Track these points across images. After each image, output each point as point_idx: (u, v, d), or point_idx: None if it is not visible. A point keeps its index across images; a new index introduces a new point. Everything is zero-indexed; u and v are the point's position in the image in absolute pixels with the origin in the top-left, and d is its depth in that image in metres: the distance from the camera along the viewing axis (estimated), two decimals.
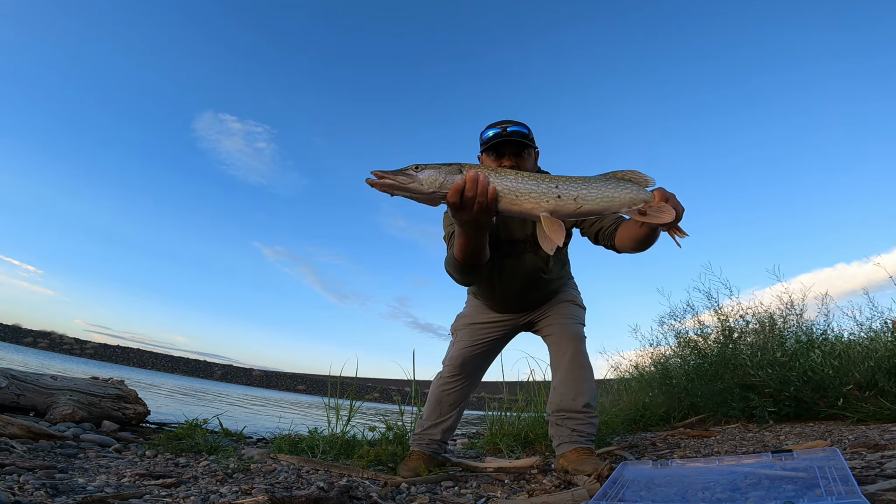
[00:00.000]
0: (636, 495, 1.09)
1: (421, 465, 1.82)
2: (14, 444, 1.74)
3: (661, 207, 1.21)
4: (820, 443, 2.03)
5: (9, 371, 2.49)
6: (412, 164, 1.18)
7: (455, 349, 2.02)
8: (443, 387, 2.00)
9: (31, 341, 36.74)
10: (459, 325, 2.09)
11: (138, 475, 1.50)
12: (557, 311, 1.97)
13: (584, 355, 1.89)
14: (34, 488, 1.21)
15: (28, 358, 14.34)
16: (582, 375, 1.85)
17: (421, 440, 1.97)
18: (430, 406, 2.00)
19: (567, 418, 1.81)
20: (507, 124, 1.73)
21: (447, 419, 1.98)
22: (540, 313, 2.01)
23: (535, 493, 1.45)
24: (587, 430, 1.81)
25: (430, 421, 1.99)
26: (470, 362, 1.99)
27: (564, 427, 1.81)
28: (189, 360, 40.43)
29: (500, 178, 1.17)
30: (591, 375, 1.89)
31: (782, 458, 1.20)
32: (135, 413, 2.76)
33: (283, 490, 1.41)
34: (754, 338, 3.77)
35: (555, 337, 1.93)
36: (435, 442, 1.96)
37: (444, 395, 1.99)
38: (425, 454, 1.91)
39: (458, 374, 1.98)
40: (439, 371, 2.06)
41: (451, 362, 2.00)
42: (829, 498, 0.85)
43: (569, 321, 1.94)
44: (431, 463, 1.89)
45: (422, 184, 1.15)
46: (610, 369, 5.45)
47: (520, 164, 1.72)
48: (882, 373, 2.79)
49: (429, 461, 1.89)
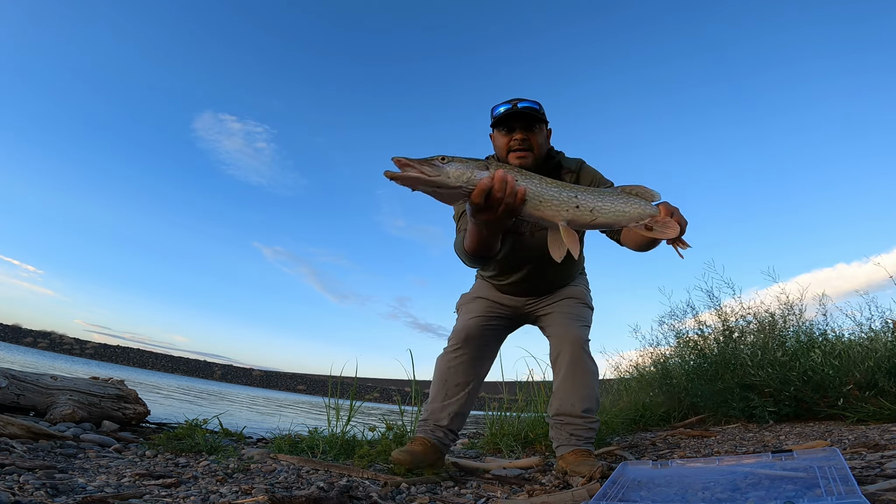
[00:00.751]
0: (636, 495, 1.09)
1: (421, 451, 1.69)
2: (14, 444, 1.74)
3: (666, 223, 1.25)
4: (820, 443, 2.03)
5: (9, 371, 2.49)
6: (437, 154, 1.10)
7: (460, 321, 1.92)
8: (448, 362, 1.84)
9: (31, 341, 36.73)
10: (465, 301, 2.01)
11: (138, 475, 1.50)
12: (562, 309, 1.91)
13: (586, 359, 1.82)
14: (34, 488, 1.21)
15: (28, 358, 14.35)
16: (582, 380, 1.80)
17: (426, 425, 1.81)
18: (436, 386, 1.84)
19: (566, 423, 1.80)
20: (518, 101, 1.72)
21: (455, 401, 1.81)
22: (545, 304, 1.94)
23: (535, 493, 1.45)
24: (585, 434, 1.79)
25: (435, 402, 1.82)
26: (475, 335, 1.85)
27: (563, 431, 1.80)
28: (189, 360, 40.45)
29: (525, 179, 1.14)
30: (593, 379, 1.83)
31: (782, 458, 1.20)
32: (135, 413, 2.76)
33: (283, 490, 1.41)
34: (754, 338, 3.77)
35: (557, 338, 1.87)
36: (441, 428, 1.78)
37: (450, 371, 1.82)
38: (428, 441, 1.75)
39: (463, 347, 1.83)
40: (444, 348, 1.92)
41: (456, 334, 1.86)
42: (829, 498, 0.85)
43: (573, 321, 1.86)
44: (434, 453, 1.74)
45: (449, 177, 1.07)
46: (610, 369, 5.45)
47: (531, 139, 1.71)
48: (882, 373, 2.79)
49: (431, 450, 1.73)
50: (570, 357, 1.80)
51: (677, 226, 1.24)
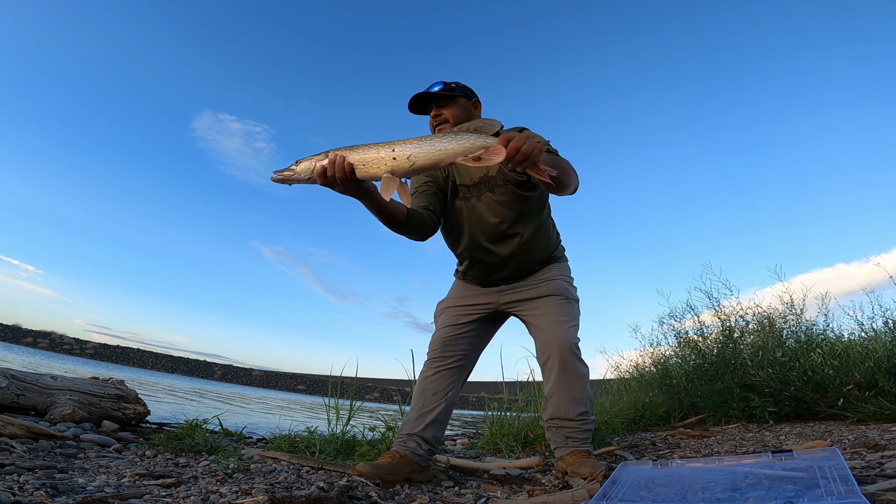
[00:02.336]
0: (636, 495, 1.09)
1: (389, 463, 1.62)
2: (14, 444, 1.74)
3: (494, 150, 1.31)
4: (820, 443, 2.03)
5: (9, 371, 2.48)
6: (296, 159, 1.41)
7: (435, 333, 1.92)
8: (424, 374, 1.85)
9: (31, 341, 36.75)
10: (439, 311, 2.00)
11: (138, 475, 1.50)
12: (546, 310, 1.82)
13: (576, 363, 1.75)
14: (34, 488, 1.21)
15: (28, 358, 14.34)
16: (573, 385, 1.75)
17: (399, 437, 1.76)
18: (414, 398, 1.84)
19: (560, 427, 1.78)
20: (433, 84, 1.85)
21: (431, 409, 1.76)
22: (523, 298, 1.86)
23: (535, 493, 1.45)
24: (581, 435, 1.78)
25: (412, 413, 1.79)
26: (451, 345, 1.85)
27: (559, 434, 1.79)
28: (189, 360, 40.46)
29: (351, 153, 1.36)
30: (585, 382, 1.78)
31: (782, 458, 1.20)
32: (135, 413, 2.75)
33: (283, 490, 1.41)
34: (754, 338, 3.77)
35: (544, 342, 1.79)
36: (413, 437, 1.72)
37: (426, 381, 1.82)
38: (398, 453, 1.68)
39: (439, 359, 1.84)
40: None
41: (431, 346, 1.88)
42: (829, 498, 0.85)
43: (560, 323, 1.78)
44: (405, 466, 1.65)
45: (299, 173, 1.37)
46: (610, 369, 5.45)
47: (444, 112, 1.81)
48: (882, 373, 2.79)
49: (401, 462, 1.65)
50: (559, 362, 1.74)
51: (503, 150, 1.29)
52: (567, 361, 1.74)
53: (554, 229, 1.98)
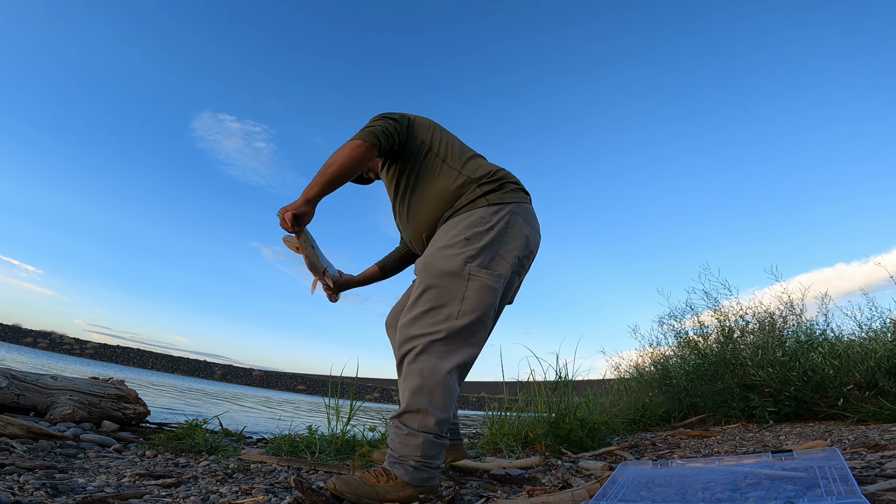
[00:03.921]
0: (636, 495, 1.09)
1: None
2: (14, 444, 1.74)
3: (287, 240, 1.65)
4: (820, 443, 2.03)
5: (9, 371, 2.48)
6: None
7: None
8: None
9: (31, 341, 36.75)
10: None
11: (138, 475, 1.50)
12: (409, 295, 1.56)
13: (409, 364, 1.35)
14: (34, 488, 1.21)
15: (28, 358, 14.35)
16: (403, 385, 1.36)
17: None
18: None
19: (390, 426, 1.39)
20: None
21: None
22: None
23: (535, 493, 1.45)
24: (394, 448, 1.33)
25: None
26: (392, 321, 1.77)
27: (387, 436, 1.46)
28: (189, 360, 40.44)
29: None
30: (421, 380, 1.31)
31: (782, 458, 1.20)
32: (135, 413, 2.75)
33: (283, 490, 1.41)
34: (754, 338, 3.77)
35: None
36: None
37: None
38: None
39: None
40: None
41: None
42: (829, 498, 0.85)
43: (405, 314, 1.41)
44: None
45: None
46: (610, 369, 5.45)
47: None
48: (882, 373, 2.79)
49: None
50: (398, 360, 1.44)
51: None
52: (400, 361, 1.42)
53: (445, 172, 1.51)
